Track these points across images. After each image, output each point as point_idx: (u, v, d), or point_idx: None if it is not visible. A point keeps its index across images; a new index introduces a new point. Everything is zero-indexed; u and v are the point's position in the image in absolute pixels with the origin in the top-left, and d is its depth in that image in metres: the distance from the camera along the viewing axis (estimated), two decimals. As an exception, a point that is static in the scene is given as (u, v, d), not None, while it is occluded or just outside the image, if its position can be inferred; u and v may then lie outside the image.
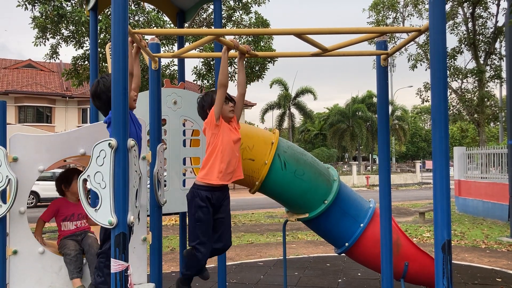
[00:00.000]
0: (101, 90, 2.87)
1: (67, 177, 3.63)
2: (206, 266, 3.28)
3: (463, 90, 20.53)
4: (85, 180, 2.33)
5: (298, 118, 46.67)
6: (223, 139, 3.14)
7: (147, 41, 3.50)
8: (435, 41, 2.30)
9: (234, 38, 3.56)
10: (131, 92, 2.89)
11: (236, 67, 15.26)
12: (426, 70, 21.39)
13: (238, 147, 3.27)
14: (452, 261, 2.64)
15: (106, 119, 2.82)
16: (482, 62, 19.78)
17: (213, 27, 4.27)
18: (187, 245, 3.29)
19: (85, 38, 13.11)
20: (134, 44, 3.00)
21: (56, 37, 13.68)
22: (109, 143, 2.23)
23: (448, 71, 19.84)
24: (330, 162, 40.47)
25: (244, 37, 15.18)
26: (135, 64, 2.99)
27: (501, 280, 6.11)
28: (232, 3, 15.28)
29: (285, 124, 43.03)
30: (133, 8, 13.43)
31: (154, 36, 3.67)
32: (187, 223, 3.30)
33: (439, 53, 2.29)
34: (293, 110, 42.92)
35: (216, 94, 3.14)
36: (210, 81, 14.86)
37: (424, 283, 4.59)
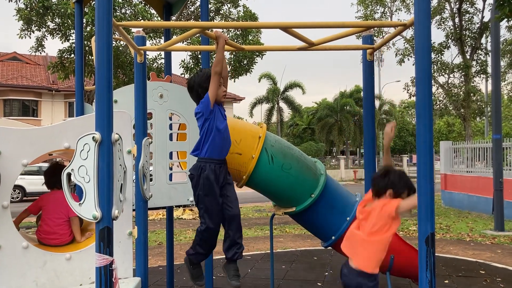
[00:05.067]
0: (192, 83, 3.20)
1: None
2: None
3: (449, 84, 20.75)
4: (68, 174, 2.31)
5: (287, 113, 46.75)
6: None
7: (133, 34, 3.46)
8: (420, 35, 2.31)
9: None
10: (221, 88, 3.15)
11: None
12: (413, 64, 21.53)
13: None
14: (438, 254, 2.67)
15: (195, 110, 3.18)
16: (468, 57, 19.99)
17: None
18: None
19: (71, 30, 12.96)
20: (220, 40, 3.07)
21: (42, 30, 13.50)
22: (93, 137, 2.20)
23: (435, 66, 20.06)
24: (318, 156, 40.63)
25: (232, 31, 15.12)
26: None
27: (484, 272, 6.20)
28: (220, -4, 15.20)
29: (274, 118, 43.07)
30: (120, 0, 13.29)
31: (139, 29, 3.64)
32: None
33: (424, 47, 2.30)
34: (282, 104, 42.96)
35: None
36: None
37: (410, 276, 4.63)
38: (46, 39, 13.80)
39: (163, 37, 14.01)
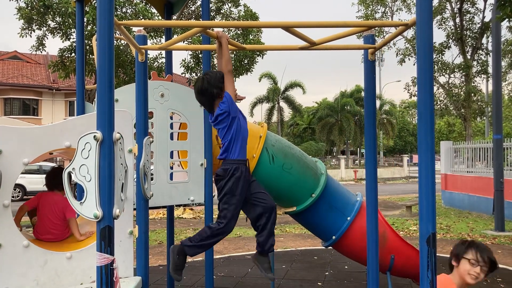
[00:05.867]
0: (207, 85, 3.04)
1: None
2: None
3: (450, 85, 20.72)
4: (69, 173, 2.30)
5: (287, 112, 46.72)
6: None
7: (134, 33, 3.46)
8: (422, 35, 2.30)
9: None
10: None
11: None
12: (414, 64, 21.53)
13: None
14: (438, 254, 2.66)
15: (212, 117, 3.10)
16: (469, 57, 19.95)
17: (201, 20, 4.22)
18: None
19: (72, 29, 12.95)
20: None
21: (42, 29, 13.50)
22: (94, 136, 2.20)
23: (436, 66, 20.04)
24: (318, 156, 40.60)
25: (232, 30, 15.12)
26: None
27: (485, 273, 6.19)
28: (221, -5, 15.19)
29: (274, 118, 43.05)
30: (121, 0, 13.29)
31: (141, 28, 3.63)
32: None
33: (425, 47, 2.30)
34: (282, 104, 42.94)
35: None
36: (198, 74, 14.78)
37: (410, 276, 4.64)
38: (47, 38, 13.81)
39: (164, 37, 14.04)
